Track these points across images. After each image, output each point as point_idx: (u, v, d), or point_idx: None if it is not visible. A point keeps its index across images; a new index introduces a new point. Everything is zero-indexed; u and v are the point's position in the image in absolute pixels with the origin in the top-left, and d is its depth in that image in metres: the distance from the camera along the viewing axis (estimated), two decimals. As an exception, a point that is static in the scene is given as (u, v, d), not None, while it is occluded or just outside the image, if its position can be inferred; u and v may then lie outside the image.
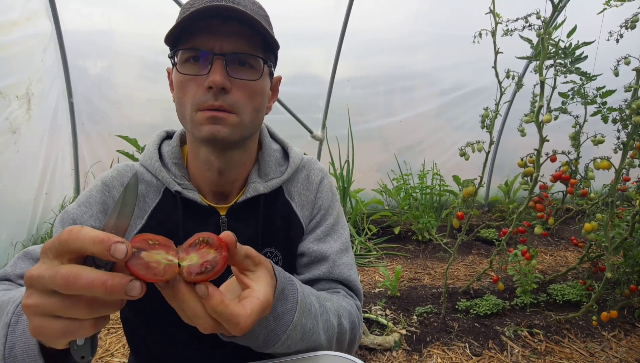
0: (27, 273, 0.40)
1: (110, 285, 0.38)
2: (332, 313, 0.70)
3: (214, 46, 0.66)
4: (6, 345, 0.52)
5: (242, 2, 0.67)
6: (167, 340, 0.80)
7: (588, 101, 1.98)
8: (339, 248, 0.85)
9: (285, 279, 0.60)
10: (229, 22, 0.67)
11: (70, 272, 0.38)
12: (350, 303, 0.81)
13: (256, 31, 0.68)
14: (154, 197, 0.78)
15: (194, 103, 0.68)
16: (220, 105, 0.67)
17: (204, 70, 0.67)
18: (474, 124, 3.97)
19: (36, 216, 2.84)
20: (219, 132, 0.68)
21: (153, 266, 0.41)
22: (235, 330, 0.46)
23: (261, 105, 0.73)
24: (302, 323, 0.61)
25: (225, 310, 0.45)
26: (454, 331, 2.13)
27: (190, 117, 0.69)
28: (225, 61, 0.66)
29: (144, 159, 0.80)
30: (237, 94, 0.68)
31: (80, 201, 0.76)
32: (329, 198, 0.88)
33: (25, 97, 2.53)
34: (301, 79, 3.71)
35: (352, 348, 0.80)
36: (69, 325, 0.41)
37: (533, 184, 1.98)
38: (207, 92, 0.66)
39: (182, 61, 0.69)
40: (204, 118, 0.67)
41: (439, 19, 3.59)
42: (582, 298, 2.34)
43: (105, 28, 3.16)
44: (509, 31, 1.90)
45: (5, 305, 0.56)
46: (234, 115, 0.68)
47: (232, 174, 0.78)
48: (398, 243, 3.48)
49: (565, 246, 3.50)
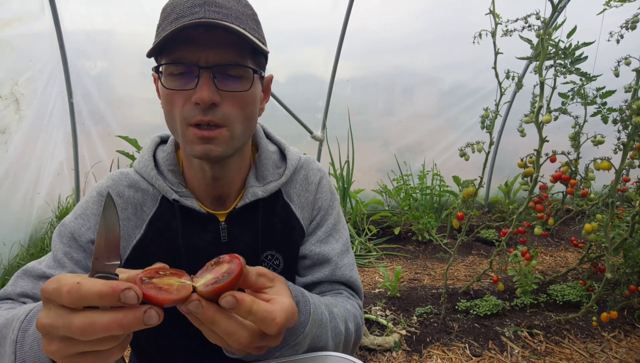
0: (37, 323, 0.40)
1: (126, 323, 0.38)
2: (340, 319, 0.71)
3: (200, 58, 0.62)
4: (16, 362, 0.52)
5: (226, 5, 0.64)
6: (168, 346, 0.80)
7: (588, 101, 1.98)
8: (340, 249, 0.85)
9: (298, 291, 0.61)
10: (213, 30, 0.62)
11: (84, 322, 0.38)
12: (354, 304, 0.81)
13: (243, 38, 0.63)
14: (151, 205, 0.76)
15: (183, 118, 0.65)
16: (210, 120, 0.64)
17: (190, 84, 0.64)
18: (474, 124, 3.98)
19: (31, 216, 2.84)
20: (212, 151, 0.65)
21: (165, 287, 0.41)
22: (272, 328, 0.45)
23: (252, 113, 0.70)
24: (313, 333, 0.62)
25: (259, 308, 0.44)
26: (454, 331, 2.12)
27: (181, 132, 0.66)
28: (212, 73, 0.63)
29: (139, 166, 0.78)
30: (227, 107, 0.65)
31: (77, 213, 0.75)
32: (329, 198, 0.88)
33: (12, 97, 2.51)
34: (301, 79, 3.71)
35: (356, 346, 0.81)
36: (98, 356, 0.41)
37: (533, 185, 1.98)
38: (195, 107, 0.63)
39: (167, 74, 0.65)
40: (195, 137, 0.65)
41: (439, 19, 3.59)
42: (582, 299, 2.34)
43: (106, 28, 3.16)
44: (509, 32, 1.90)
45: (10, 323, 0.56)
46: (224, 129, 0.65)
47: (227, 179, 0.77)
48: (398, 244, 3.48)
49: (565, 246, 3.50)
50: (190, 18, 0.61)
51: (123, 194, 0.76)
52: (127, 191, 0.76)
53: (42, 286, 0.40)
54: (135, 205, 0.76)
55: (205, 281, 0.44)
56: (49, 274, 0.70)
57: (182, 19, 0.61)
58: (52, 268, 0.71)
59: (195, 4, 0.62)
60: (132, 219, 0.75)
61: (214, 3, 0.63)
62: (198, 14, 0.61)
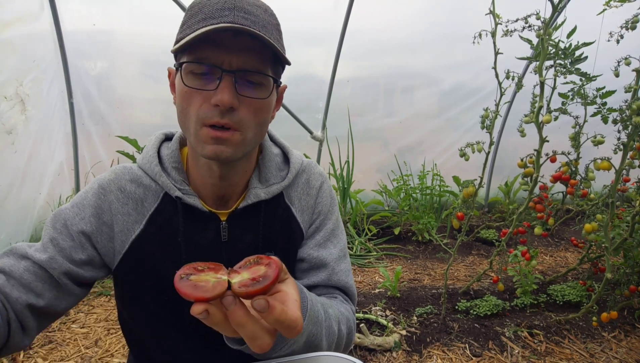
0: None
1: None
2: (334, 319, 0.72)
3: (223, 61, 0.63)
4: None
5: (254, 12, 0.64)
6: (165, 341, 0.80)
7: (588, 101, 1.98)
8: (337, 254, 0.85)
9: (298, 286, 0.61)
10: (240, 35, 0.63)
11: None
12: (347, 308, 0.82)
13: (267, 46, 0.64)
14: (152, 201, 0.77)
15: (199, 117, 0.65)
16: (227, 123, 0.64)
17: (211, 85, 0.64)
18: (474, 124, 3.98)
19: (34, 216, 2.84)
20: (223, 152, 0.66)
21: (201, 285, 0.41)
22: (293, 334, 0.46)
23: (265, 120, 0.71)
24: (309, 330, 0.62)
25: (286, 318, 0.44)
26: (454, 332, 2.12)
27: (194, 131, 0.67)
28: (234, 78, 0.64)
29: (142, 162, 0.78)
30: (244, 112, 0.66)
31: (75, 202, 0.75)
32: (328, 202, 0.89)
33: (17, 98, 2.51)
34: (301, 79, 3.71)
35: (347, 350, 0.81)
36: None
37: (533, 185, 1.98)
38: (213, 108, 0.64)
39: (188, 72, 0.65)
40: (208, 137, 0.65)
41: (439, 19, 3.59)
42: (582, 299, 2.34)
43: (106, 28, 3.16)
44: (509, 32, 1.90)
45: None
46: (238, 133, 0.66)
47: (233, 180, 0.77)
48: (398, 244, 3.48)
49: (565, 246, 3.50)
50: (219, 20, 0.61)
51: (125, 188, 0.76)
52: (129, 186, 0.77)
53: None
54: (136, 200, 0.76)
55: (241, 280, 0.44)
56: (30, 255, 0.70)
57: (210, 20, 0.62)
58: (38, 251, 0.71)
59: (225, 7, 0.63)
60: (132, 214, 0.76)
61: (243, 9, 0.63)
62: (227, 17, 0.62)
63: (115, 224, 0.75)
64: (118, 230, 0.75)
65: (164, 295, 0.76)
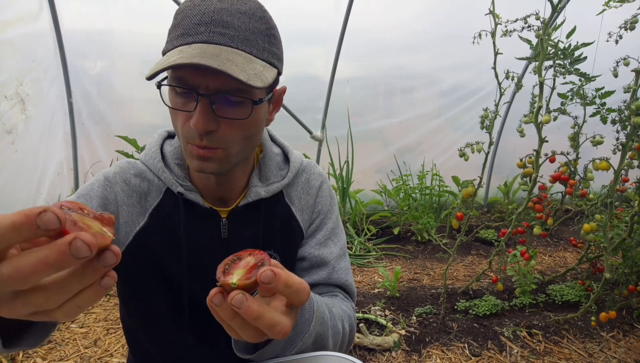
0: None
1: (52, 259, 0.30)
2: (338, 318, 0.73)
3: (200, 84, 0.61)
4: None
5: (234, 24, 0.61)
6: (165, 340, 0.81)
7: (587, 101, 1.98)
8: (337, 253, 0.86)
9: None
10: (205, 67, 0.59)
11: (11, 269, 0.30)
12: (348, 306, 0.83)
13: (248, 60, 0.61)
14: (155, 196, 0.78)
15: (183, 135, 0.67)
16: (206, 145, 0.65)
17: (190, 104, 0.63)
18: (473, 124, 3.98)
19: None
20: (208, 168, 0.67)
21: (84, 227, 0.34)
22: (305, 297, 0.44)
23: (254, 132, 0.70)
24: (316, 331, 0.63)
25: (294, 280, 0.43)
26: (453, 331, 2.13)
27: (183, 145, 0.69)
28: (210, 100, 0.62)
29: (145, 158, 0.79)
30: (225, 131, 0.65)
31: (80, 193, 0.75)
32: (328, 202, 0.90)
33: (17, 97, 2.51)
34: (301, 79, 3.71)
35: (349, 347, 0.82)
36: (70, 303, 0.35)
37: (532, 185, 1.98)
38: (193, 129, 0.63)
39: (170, 88, 0.65)
40: (192, 153, 0.67)
41: (439, 19, 3.59)
42: (581, 299, 2.34)
43: (105, 27, 3.16)
44: (509, 32, 1.90)
45: None
46: (220, 150, 0.66)
47: (231, 184, 0.78)
48: (397, 244, 3.48)
49: (564, 246, 3.50)
50: (193, 39, 0.60)
51: (130, 181, 0.77)
52: (134, 179, 0.78)
53: None
54: (140, 194, 0.77)
55: (240, 276, 0.43)
56: None
57: (186, 37, 0.61)
58: None
59: (201, 21, 0.60)
60: (137, 206, 0.77)
61: (221, 22, 0.60)
62: (202, 35, 0.60)
63: (121, 216, 0.76)
64: (123, 221, 0.76)
65: (165, 289, 0.77)
